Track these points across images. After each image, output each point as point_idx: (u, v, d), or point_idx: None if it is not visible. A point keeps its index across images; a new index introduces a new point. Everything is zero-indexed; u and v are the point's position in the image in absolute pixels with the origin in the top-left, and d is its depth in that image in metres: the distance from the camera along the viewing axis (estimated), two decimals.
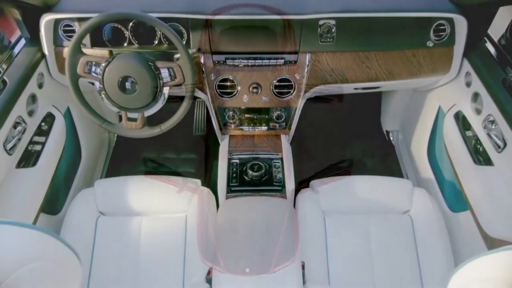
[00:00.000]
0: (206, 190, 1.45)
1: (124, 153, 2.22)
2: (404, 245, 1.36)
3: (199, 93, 1.50)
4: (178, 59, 1.23)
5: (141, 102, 1.21)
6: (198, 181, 1.49)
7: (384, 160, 2.22)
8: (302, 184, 1.55)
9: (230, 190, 1.42)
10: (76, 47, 1.19)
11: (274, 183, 1.43)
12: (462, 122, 1.52)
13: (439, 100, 1.75)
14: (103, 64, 1.18)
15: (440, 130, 1.73)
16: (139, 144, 2.15)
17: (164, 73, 1.21)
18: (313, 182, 1.51)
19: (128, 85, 1.18)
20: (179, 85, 1.25)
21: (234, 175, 1.46)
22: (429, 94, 1.85)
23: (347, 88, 1.60)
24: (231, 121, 1.55)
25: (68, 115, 1.75)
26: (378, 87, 1.63)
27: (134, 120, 1.27)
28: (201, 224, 1.33)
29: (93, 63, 1.20)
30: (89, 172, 1.98)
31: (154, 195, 1.41)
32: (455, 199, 1.60)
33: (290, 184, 1.43)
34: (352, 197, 1.43)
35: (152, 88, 1.19)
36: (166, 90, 1.25)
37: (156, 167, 2.15)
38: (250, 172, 1.44)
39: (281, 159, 1.52)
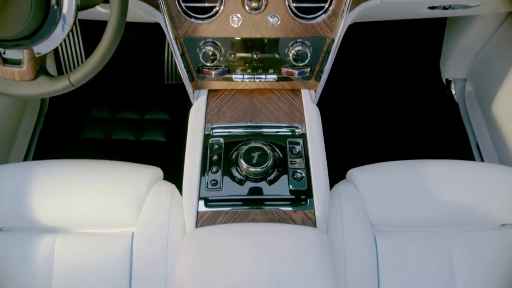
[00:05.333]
0: (170, 189, 0.99)
1: (65, 116, 1.70)
2: (509, 282, 0.96)
3: (147, 11, 0.95)
4: None
5: (18, 24, 0.72)
6: (158, 171, 1.03)
7: (442, 125, 1.75)
8: (333, 173, 1.05)
9: (207, 201, 0.90)
10: None
11: (290, 187, 0.92)
12: None
13: None
14: None
15: None
16: (88, 100, 1.68)
17: None
18: (353, 172, 1.03)
19: None
20: None
21: (215, 169, 0.94)
22: None
23: (419, 7, 1.08)
24: (210, 64, 1.02)
25: None
26: (474, 5, 1.08)
27: (17, 63, 0.79)
28: (155, 253, 0.90)
29: None
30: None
31: (82, 196, 0.97)
32: None
33: (322, 190, 0.91)
34: (419, 199, 0.99)
35: None
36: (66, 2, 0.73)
37: (108, 135, 1.64)
38: (244, 164, 0.91)
39: (304, 136, 1.01)
